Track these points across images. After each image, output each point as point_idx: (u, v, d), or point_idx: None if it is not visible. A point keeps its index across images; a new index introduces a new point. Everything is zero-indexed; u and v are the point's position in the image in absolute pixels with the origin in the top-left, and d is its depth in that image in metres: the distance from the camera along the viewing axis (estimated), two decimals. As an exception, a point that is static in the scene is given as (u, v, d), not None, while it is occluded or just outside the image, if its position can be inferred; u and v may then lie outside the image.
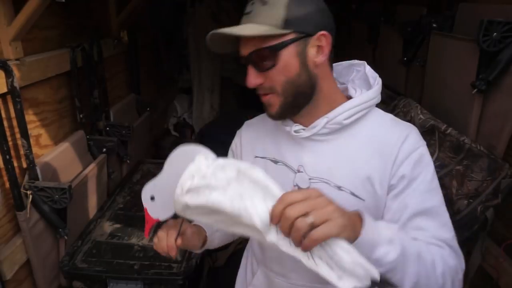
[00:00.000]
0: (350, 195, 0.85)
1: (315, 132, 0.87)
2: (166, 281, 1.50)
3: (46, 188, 1.37)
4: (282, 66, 0.80)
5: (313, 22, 0.80)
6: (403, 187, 0.82)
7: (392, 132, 0.86)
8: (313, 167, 0.88)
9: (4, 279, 1.27)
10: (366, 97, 0.86)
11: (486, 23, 1.29)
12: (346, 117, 0.85)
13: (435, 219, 0.82)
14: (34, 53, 1.42)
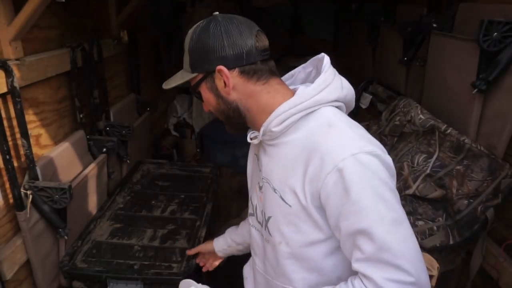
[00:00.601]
0: (280, 198, 0.92)
1: (260, 140, 0.95)
2: (166, 281, 1.50)
3: (46, 188, 1.37)
4: (205, 101, 0.98)
5: (209, 61, 0.91)
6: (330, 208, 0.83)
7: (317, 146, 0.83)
8: (265, 168, 0.98)
9: (4, 279, 1.27)
10: (293, 102, 0.87)
11: (486, 23, 1.29)
12: (275, 125, 0.89)
13: (372, 241, 0.77)
14: (34, 53, 1.42)
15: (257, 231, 1.05)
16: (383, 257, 0.76)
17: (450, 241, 1.45)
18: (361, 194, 0.77)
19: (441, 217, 1.49)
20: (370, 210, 0.77)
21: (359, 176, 0.78)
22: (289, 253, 0.94)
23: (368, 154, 0.79)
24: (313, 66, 0.99)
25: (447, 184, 1.46)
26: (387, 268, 0.76)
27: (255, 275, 1.11)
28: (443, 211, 1.49)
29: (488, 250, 1.46)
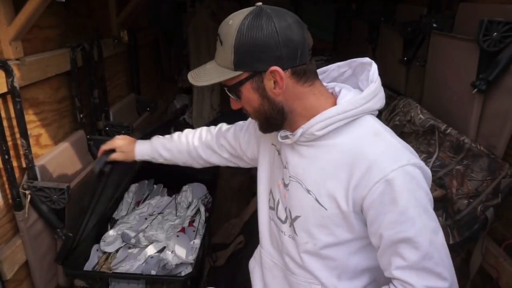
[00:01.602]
0: (314, 200, 0.91)
1: (295, 140, 0.93)
2: (168, 281, 1.50)
3: (44, 188, 1.37)
4: (245, 100, 0.90)
5: (261, 60, 0.83)
6: (374, 216, 0.84)
7: (364, 154, 0.84)
8: (294, 167, 0.96)
9: (4, 279, 1.27)
10: (341, 109, 0.87)
11: (486, 23, 1.29)
12: (318, 129, 0.88)
13: (416, 250, 0.80)
14: (34, 53, 1.42)
15: (276, 226, 1.04)
16: (426, 265, 0.80)
17: (450, 241, 1.45)
18: (408, 204, 0.80)
19: (441, 217, 1.48)
20: (416, 220, 0.80)
21: (406, 187, 0.80)
22: (315, 252, 0.95)
23: (414, 166, 0.82)
24: (349, 66, 0.99)
25: (447, 184, 1.46)
26: (428, 276, 0.81)
27: (271, 268, 1.09)
28: (443, 211, 1.49)
29: (488, 250, 1.46)
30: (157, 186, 2.23)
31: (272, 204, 1.06)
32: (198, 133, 1.33)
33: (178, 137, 1.34)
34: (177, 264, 1.60)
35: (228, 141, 1.25)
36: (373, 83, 0.89)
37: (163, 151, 1.34)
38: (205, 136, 1.31)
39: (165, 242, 1.71)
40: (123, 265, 1.61)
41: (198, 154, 1.31)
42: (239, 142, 1.22)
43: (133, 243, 1.71)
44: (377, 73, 0.91)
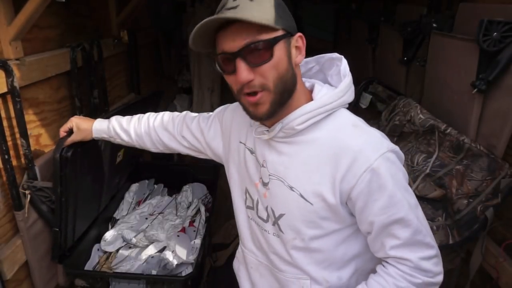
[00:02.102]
0: (299, 196, 0.91)
1: (272, 136, 0.91)
2: (168, 280, 1.50)
3: (44, 188, 1.37)
4: (275, 61, 0.81)
5: (292, 24, 0.85)
6: (363, 204, 0.86)
7: (347, 145, 0.86)
8: (273, 165, 0.94)
9: (4, 279, 1.27)
10: (321, 102, 0.87)
11: (486, 23, 1.29)
12: (299, 123, 0.87)
13: (407, 228, 0.86)
14: (34, 53, 1.42)
15: (257, 225, 1.04)
16: (417, 238, 0.87)
17: (450, 241, 1.45)
18: (394, 188, 0.84)
19: (440, 216, 1.49)
20: (403, 201, 0.85)
21: (390, 173, 0.84)
22: (303, 247, 0.96)
23: (392, 152, 0.86)
24: (316, 62, 1.00)
25: (447, 184, 1.46)
26: (420, 248, 0.87)
27: (257, 267, 1.09)
28: (443, 211, 1.49)
29: (488, 250, 1.46)
30: (158, 186, 2.23)
31: (250, 203, 1.05)
32: (160, 117, 1.29)
33: (138, 119, 1.31)
34: (177, 264, 1.60)
35: (191, 133, 1.21)
36: (346, 77, 0.91)
37: (120, 131, 1.31)
38: (167, 122, 1.27)
39: (166, 242, 1.71)
40: (124, 264, 1.61)
41: (158, 137, 1.27)
42: (203, 135, 1.18)
43: (133, 243, 1.71)
44: (348, 67, 0.93)
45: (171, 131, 1.25)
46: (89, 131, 1.33)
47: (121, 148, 1.79)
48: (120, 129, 1.31)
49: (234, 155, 1.08)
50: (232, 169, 1.10)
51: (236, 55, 0.80)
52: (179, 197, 2.11)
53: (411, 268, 0.87)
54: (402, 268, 0.87)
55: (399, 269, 0.88)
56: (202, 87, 3.72)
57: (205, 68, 3.62)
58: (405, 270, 0.87)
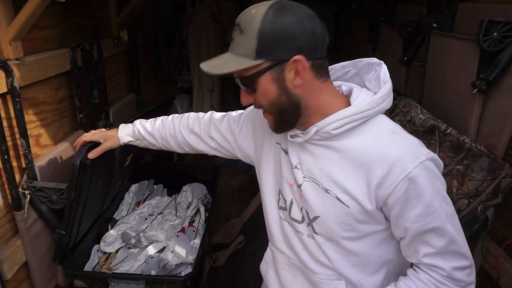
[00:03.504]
0: (335, 199, 0.90)
1: (307, 139, 0.92)
2: (168, 281, 1.50)
3: (44, 188, 1.37)
4: (262, 92, 0.87)
5: (285, 48, 0.82)
6: (399, 211, 0.86)
7: (386, 152, 0.86)
8: (308, 167, 0.94)
9: (4, 279, 1.27)
10: (359, 109, 0.87)
11: (486, 23, 1.29)
12: (335, 128, 0.88)
13: (443, 237, 0.86)
14: (34, 53, 1.42)
15: (291, 226, 1.02)
16: (452, 248, 0.86)
17: (450, 241, 1.45)
18: (432, 197, 0.84)
19: (441, 217, 1.49)
20: (440, 211, 0.85)
21: (428, 181, 0.84)
22: (338, 249, 0.96)
23: (431, 160, 0.86)
24: (354, 66, 0.99)
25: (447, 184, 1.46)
26: (454, 258, 0.87)
27: (289, 268, 1.07)
28: (443, 211, 1.49)
29: (488, 250, 1.46)
30: (157, 187, 2.23)
31: (283, 204, 1.03)
32: (185, 119, 1.29)
33: (162, 122, 1.32)
34: (177, 264, 1.60)
35: (221, 134, 1.21)
36: (386, 83, 0.90)
37: (146, 134, 1.32)
38: (193, 123, 1.27)
39: (165, 242, 1.71)
40: (123, 265, 1.61)
41: (184, 140, 1.28)
42: (233, 135, 1.18)
43: (133, 243, 1.71)
44: (388, 73, 0.92)
45: (198, 133, 1.26)
46: (116, 137, 1.35)
47: (130, 152, 1.80)
48: (145, 132, 1.33)
49: (269, 155, 1.07)
50: (264, 169, 1.09)
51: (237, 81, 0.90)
52: (178, 198, 2.11)
53: (443, 277, 0.87)
54: (434, 275, 0.87)
55: (431, 276, 0.88)
56: (202, 87, 3.72)
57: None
58: (437, 277, 0.87)
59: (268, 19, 0.81)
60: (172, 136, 1.30)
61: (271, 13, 0.81)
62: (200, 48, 3.55)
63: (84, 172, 1.31)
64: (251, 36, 0.81)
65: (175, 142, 1.30)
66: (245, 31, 0.83)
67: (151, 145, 1.35)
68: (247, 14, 0.84)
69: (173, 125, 1.30)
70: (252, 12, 0.83)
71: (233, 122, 1.19)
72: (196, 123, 1.27)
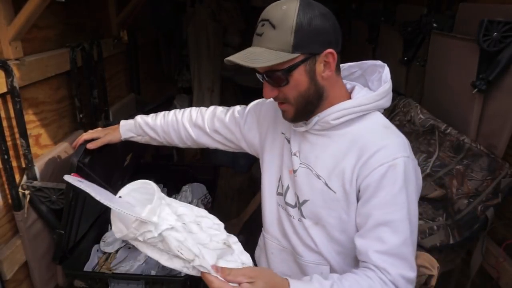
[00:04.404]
0: (323, 184, 0.97)
1: (309, 128, 0.98)
2: (168, 281, 1.49)
3: (44, 189, 1.37)
4: (293, 84, 0.90)
5: (319, 42, 0.88)
6: (369, 195, 0.90)
7: (375, 138, 0.92)
8: (305, 154, 1.01)
9: (4, 279, 1.27)
10: (358, 102, 0.94)
11: (486, 23, 1.29)
12: (334, 118, 0.94)
13: (397, 234, 0.88)
14: (33, 53, 1.42)
15: (285, 211, 1.07)
16: (403, 251, 0.88)
17: (450, 241, 1.45)
18: (402, 191, 0.88)
19: (441, 216, 1.49)
20: (403, 206, 0.88)
21: (405, 175, 0.88)
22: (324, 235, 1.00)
23: (413, 162, 0.92)
24: (359, 67, 1.05)
25: (447, 184, 1.46)
26: (402, 264, 0.88)
27: (279, 253, 1.12)
28: (443, 211, 1.49)
29: (488, 250, 1.46)
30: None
31: (281, 190, 1.09)
32: (188, 113, 1.33)
33: (164, 116, 1.34)
34: (177, 264, 1.60)
35: (225, 126, 1.25)
36: (386, 83, 0.97)
37: (147, 129, 1.34)
38: (196, 117, 1.30)
39: (165, 242, 1.71)
40: (123, 265, 1.61)
41: (187, 133, 1.31)
42: (239, 127, 1.22)
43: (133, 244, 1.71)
44: (389, 75, 0.98)
45: (201, 126, 1.29)
46: (117, 132, 1.36)
47: (129, 152, 1.79)
48: (146, 126, 1.34)
49: (274, 144, 1.12)
50: (267, 158, 1.14)
51: (262, 76, 0.93)
52: (178, 198, 2.10)
53: (388, 280, 0.87)
54: (381, 275, 0.88)
55: (378, 276, 0.88)
56: (202, 87, 3.72)
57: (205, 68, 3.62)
58: (383, 278, 0.87)
59: (301, 14, 0.85)
60: (175, 130, 1.32)
61: (303, 9, 0.85)
62: (200, 48, 3.55)
63: (83, 171, 1.31)
64: (287, 32, 0.85)
65: (177, 136, 1.33)
66: (278, 26, 0.85)
67: (153, 140, 1.36)
68: (277, 10, 0.87)
69: (175, 119, 1.32)
70: (283, 8, 0.86)
71: (238, 115, 1.24)
72: (199, 116, 1.30)
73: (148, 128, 1.34)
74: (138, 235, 0.80)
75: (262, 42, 0.88)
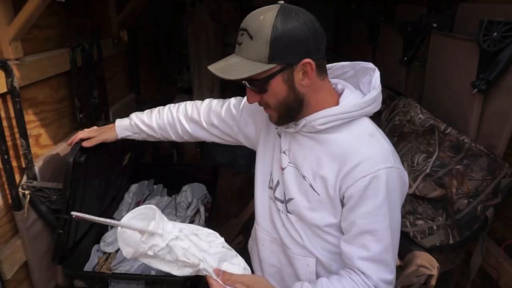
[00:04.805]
0: (309, 186, 1.01)
1: (297, 130, 1.00)
2: (167, 281, 1.49)
3: (43, 189, 1.37)
4: (272, 92, 0.92)
5: (295, 53, 0.88)
6: (353, 205, 0.93)
7: (359, 148, 0.93)
8: (294, 154, 1.03)
9: (4, 279, 1.27)
10: (345, 109, 0.95)
11: (486, 23, 1.29)
12: (320, 124, 0.96)
13: (379, 242, 0.92)
14: (33, 53, 1.42)
15: (275, 204, 1.10)
16: (384, 257, 0.93)
17: (450, 241, 1.45)
18: (384, 202, 0.91)
19: (441, 216, 1.49)
20: (386, 217, 0.92)
21: (387, 186, 0.90)
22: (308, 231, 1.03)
23: (397, 170, 0.93)
24: (352, 68, 1.06)
25: (447, 184, 1.46)
26: (383, 269, 0.94)
27: (269, 244, 1.14)
28: (443, 211, 1.49)
29: (488, 250, 1.46)
30: (157, 187, 2.23)
31: (271, 184, 1.11)
32: (183, 108, 1.32)
33: (159, 112, 1.34)
34: (177, 264, 1.60)
35: (222, 119, 1.25)
36: (375, 89, 0.97)
37: (143, 126, 1.33)
38: (191, 111, 1.30)
39: (165, 242, 1.71)
40: (123, 265, 1.61)
41: (183, 128, 1.31)
42: (236, 121, 1.23)
43: (133, 243, 1.71)
44: (379, 80, 0.99)
45: (198, 120, 1.29)
46: (113, 130, 1.35)
47: (128, 151, 1.79)
48: (142, 124, 1.34)
49: (267, 138, 1.14)
50: (261, 151, 1.16)
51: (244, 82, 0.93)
52: (178, 198, 2.10)
53: (372, 285, 0.93)
54: (364, 279, 0.93)
55: (362, 279, 0.94)
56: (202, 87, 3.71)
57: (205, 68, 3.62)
58: (367, 282, 0.93)
59: (278, 26, 0.85)
60: (171, 125, 1.32)
61: (279, 19, 0.85)
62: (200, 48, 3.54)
63: (79, 170, 1.30)
64: (263, 43, 0.86)
65: (174, 131, 1.33)
66: (255, 37, 0.86)
67: (149, 137, 1.36)
68: (255, 20, 0.87)
69: (170, 115, 1.32)
70: (260, 18, 0.86)
71: (234, 108, 1.24)
72: (195, 110, 1.30)
73: (144, 125, 1.33)
74: (147, 249, 0.85)
75: (241, 51, 0.90)
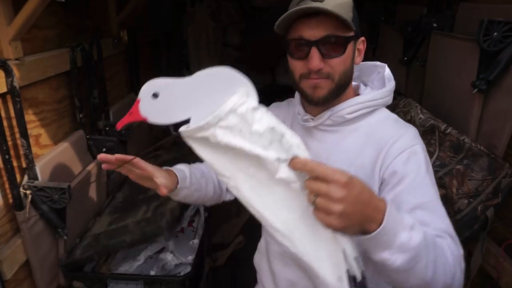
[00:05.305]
0: None
1: (320, 123, 0.95)
2: (166, 281, 1.49)
3: (45, 188, 1.37)
4: (345, 57, 0.88)
5: (359, 27, 0.90)
6: (396, 182, 0.87)
7: (389, 130, 0.92)
8: (315, 153, 0.95)
9: (4, 279, 1.27)
10: (371, 96, 0.94)
11: (486, 22, 1.29)
12: (349, 112, 0.93)
13: (434, 213, 0.84)
14: (33, 53, 1.42)
15: None
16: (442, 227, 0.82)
17: (450, 241, 1.45)
18: (426, 174, 0.87)
19: (441, 217, 1.48)
20: (432, 187, 0.87)
21: (425, 160, 0.89)
22: None
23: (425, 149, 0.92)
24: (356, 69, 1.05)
25: (447, 184, 1.46)
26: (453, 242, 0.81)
27: (282, 258, 1.07)
28: (443, 211, 1.49)
29: (488, 250, 1.46)
30: (157, 186, 2.23)
31: None
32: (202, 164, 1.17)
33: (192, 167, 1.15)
34: (176, 264, 1.60)
35: None
36: (391, 81, 0.97)
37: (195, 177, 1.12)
38: None
39: (164, 243, 1.71)
40: (123, 265, 1.61)
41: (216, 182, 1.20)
42: None
43: (132, 243, 1.71)
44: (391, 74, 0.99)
45: None
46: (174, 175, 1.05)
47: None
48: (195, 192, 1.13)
49: None
50: None
51: (313, 43, 0.85)
52: (179, 197, 2.10)
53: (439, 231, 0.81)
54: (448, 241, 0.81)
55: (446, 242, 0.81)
56: (202, 87, 3.71)
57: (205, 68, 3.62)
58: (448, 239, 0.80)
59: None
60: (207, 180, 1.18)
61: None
62: (200, 48, 3.55)
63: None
64: (348, 5, 0.86)
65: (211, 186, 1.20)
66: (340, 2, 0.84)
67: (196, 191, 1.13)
68: None
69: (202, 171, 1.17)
70: None
71: None
72: None
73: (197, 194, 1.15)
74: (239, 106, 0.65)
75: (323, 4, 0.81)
